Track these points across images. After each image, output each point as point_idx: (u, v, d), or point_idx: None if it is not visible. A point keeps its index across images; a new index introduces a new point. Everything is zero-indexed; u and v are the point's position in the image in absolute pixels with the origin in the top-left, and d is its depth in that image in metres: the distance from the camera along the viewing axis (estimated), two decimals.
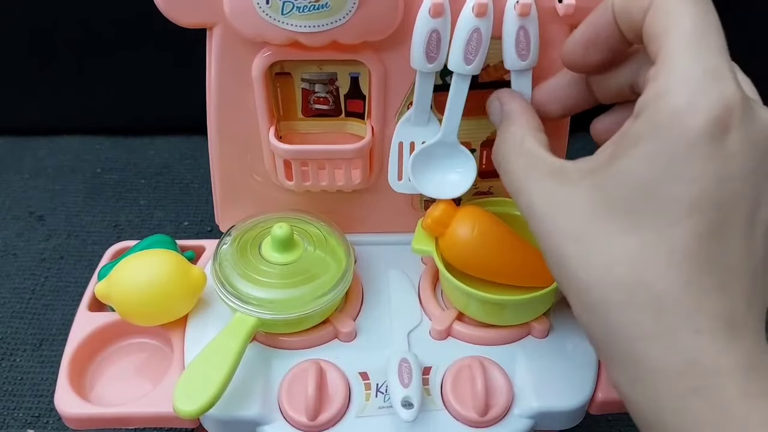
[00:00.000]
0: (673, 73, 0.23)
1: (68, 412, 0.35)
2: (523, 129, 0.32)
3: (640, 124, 0.24)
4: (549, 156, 0.29)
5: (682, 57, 0.23)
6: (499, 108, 0.35)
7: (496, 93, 0.36)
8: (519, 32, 0.34)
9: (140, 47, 0.65)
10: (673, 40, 0.24)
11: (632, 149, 0.24)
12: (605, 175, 0.25)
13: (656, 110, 0.23)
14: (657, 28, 0.25)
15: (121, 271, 0.37)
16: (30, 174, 0.68)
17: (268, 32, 0.34)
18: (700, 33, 0.24)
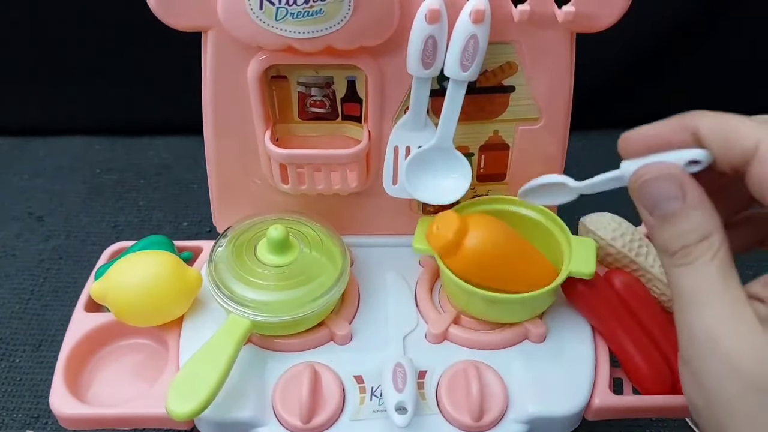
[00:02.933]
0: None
1: (64, 412, 0.36)
2: (725, 255, 0.26)
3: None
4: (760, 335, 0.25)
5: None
6: (677, 192, 0.27)
7: (667, 168, 0.28)
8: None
9: (140, 47, 0.65)
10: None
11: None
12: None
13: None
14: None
15: (116, 272, 0.37)
16: (29, 174, 0.68)
17: (262, 37, 0.34)
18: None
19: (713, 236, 0.26)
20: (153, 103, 0.69)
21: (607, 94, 0.71)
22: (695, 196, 0.27)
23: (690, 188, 0.27)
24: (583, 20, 0.35)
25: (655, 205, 0.27)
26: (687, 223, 0.27)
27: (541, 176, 0.35)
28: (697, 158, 0.27)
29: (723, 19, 0.67)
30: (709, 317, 0.25)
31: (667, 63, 0.69)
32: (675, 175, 0.27)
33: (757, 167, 0.26)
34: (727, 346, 0.25)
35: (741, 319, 0.25)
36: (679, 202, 0.27)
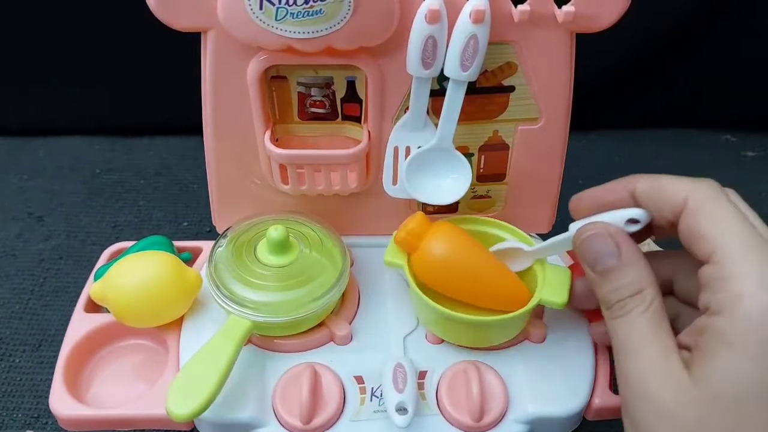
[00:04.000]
0: (748, 276, 0.25)
1: (63, 413, 0.36)
2: (657, 307, 0.29)
3: (725, 324, 0.25)
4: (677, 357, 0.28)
5: (749, 260, 0.26)
6: (613, 249, 0.30)
7: (604, 227, 0.31)
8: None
9: (140, 48, 0.65)
10: (731, 244, 0.26)
11: (725, 349, 0.25)
12: (703, 381, 0.26)
13: (744, 312, 0.25)
14: (704, 230, 0.27)
15: (116, 273, 0.37)
16: (29, 174, 0.68)
17: (262, 38, 0.34)
18: (750, 231, 0.27)
19: (646, 290, 0.29)
20: (153, 103, 0.69)
21: (607, 94, 0.71)
22: (630, 253, 0.30)
23: (625, 246, 0.30)
24: (583, 20, 0.35)
25: (594, 261, 0.30)
26: (622, 279, 0.29)
27: (499, 243, 0.38)
28: (635, 217, 0.30)
29: (723, 19, 0.67)
30: (640, 364, 0.27)
31: (667, 63, 0.69)
32: (612, 234, 0.30)
33: (684, 220, 0.28)
34: (655, 390, 0.27)
35: (668, 365, 0.27)
36: (615, 259, 0.30)
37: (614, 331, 0.29)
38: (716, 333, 0.26)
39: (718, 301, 0.26)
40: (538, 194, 0.43)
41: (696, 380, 0.26)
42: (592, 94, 0.68)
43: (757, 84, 0.70)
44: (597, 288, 0.30)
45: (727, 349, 0.25)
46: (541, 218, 0.44)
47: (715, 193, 0.28)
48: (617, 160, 0.71)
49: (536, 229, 0.45)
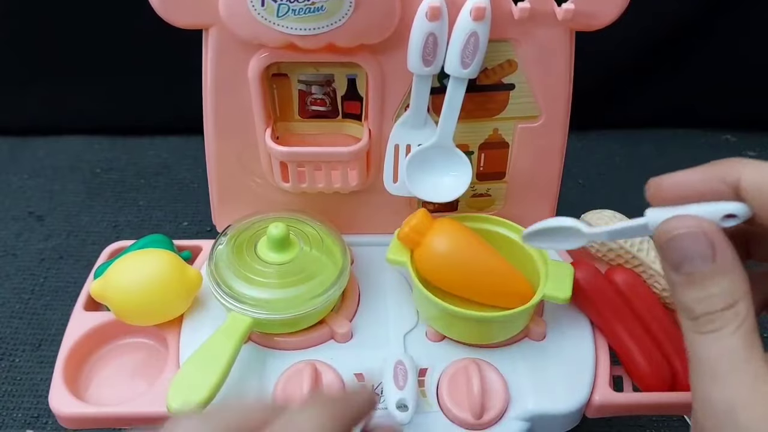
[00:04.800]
0: None
1: (63, 411, 0.35)
2: (751, 325, 0.25)
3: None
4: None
5: None
6: (708, 251, 0.25)
7: (698, 224, 0.25)
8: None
9: (140, 47, 0.65)
10: None
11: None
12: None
13: None
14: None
15: (116, 271, 0.37)
16: (29, 174, 0.68)
17: (264, 34, 0.34)
18: None
19: (740, 304, 0.25)
20: (153, 103, 0.69)
21: (607, 93, 0.71)
22: (727, 258, 0.25)
23: (722, 249, 0.25)
24: (583, 18, 0.36)
25: (682, 262, 0.25)
26: (715, 288, 0.25)
27: (550, 219, 0.33)
28: (734, 212, 0.25)
29: (723, 18, 0.67)
30: (730, 391, 0.24)
31: (667, 63, 0.70)
32: (708, 233, 0.25)
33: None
34: (746, 422, 0.23)
35: (763, 395, 0.24)
36: (708, 264, 0.25)
37: (698, 347, 0.25)
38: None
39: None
40: (537, 193, 0.43)
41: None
42: (592, 94, 0.69)
43: (757, 84, 0.70)
44: (679, 293, 0.26)
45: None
46: (541, 216, 0.43)
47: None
48: (617, 160, 0.71)
49: None
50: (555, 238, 0.33)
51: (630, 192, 0.30)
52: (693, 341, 0.25)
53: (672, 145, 0.73)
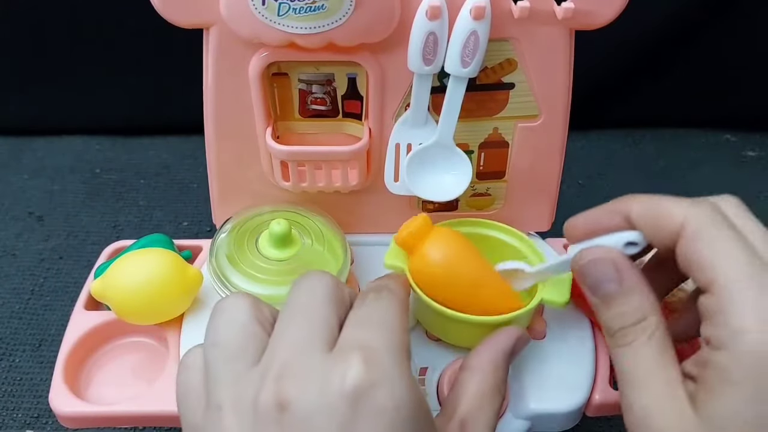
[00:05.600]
0: (747, 311, 0.25)
1: (63, 411, 0.35)
2: (661, 335, 0.28)
3: (727, 360, 0.25)
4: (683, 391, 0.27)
5: (748, 292, 0.25)
6: (614, 274, 0.29)
7: (604, 252, 0.30)
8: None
9: (140, 47, 0.65)
10: (730, 274, 0.25)
11: (728, 388, 0.25)
12: (708, 419, 0.25)
13: (745, 349, 0.24)
14: (702, 258, 0.26)
15: (116, 270, 0.37)
16: (29, 174, 0.68)
17: (264, 33, 0.34)
18: (750, 260, 0.25)
19: (649, 318, 0.28)
20: (153, 103, 0.69)
21: (607, 93, 0.71)
22: (631, 278, 0.29)
23: (626, 271, 0.29)
24: (582, 17, 0.36)
25: (595, 286, 0.29)
26: (624, 306, 0.28)
27: (500, 263, 0.36)
28: (632, 240, 0.29)
29: (724, 18, 0.67)
30: (645, 397, 0.27)
31: (667, 62, 0.70)
32: (612, 259, 0.29)
33: (682, 245, 0.27)
34: (659, 424, 0.26)
35: (673, 398, 0.26)
36: (616, 285, 0.29)
37: (617, 360, 0.28)
38: (718, 369, 0.25)
39: (719, 336, 0.25)
40: (537, 192, 0.43)
41: (701, 417, 0.25)
42: (592, 93, 0.69)
43: (757, 84, 0.70)
44: (599, 313, 0.30)
45: (730, 388, 0.25)
46: (541, 216, 0.44)
47: (713, 218, 0.27)
48: (617, 160, 0.71)
49: (535, 228, 0.45)
50: (512, 280, 0.36)
51: (630, 192, 0.31)
52: (613, 355, 0.29)
53: (672, 145, 0.73)
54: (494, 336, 0.33)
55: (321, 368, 0.24)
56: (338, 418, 0.23)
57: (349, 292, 0.29)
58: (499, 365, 0.32)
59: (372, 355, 0.25)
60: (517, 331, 0.33)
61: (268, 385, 0.24)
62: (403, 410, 0.24)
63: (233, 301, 0.28)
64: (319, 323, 0.26)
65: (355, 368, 0.24)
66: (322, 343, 0.26)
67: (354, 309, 0.28)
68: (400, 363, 0.25)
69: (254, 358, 0.26)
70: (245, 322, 0.27)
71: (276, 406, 0.23)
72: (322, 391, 0.24)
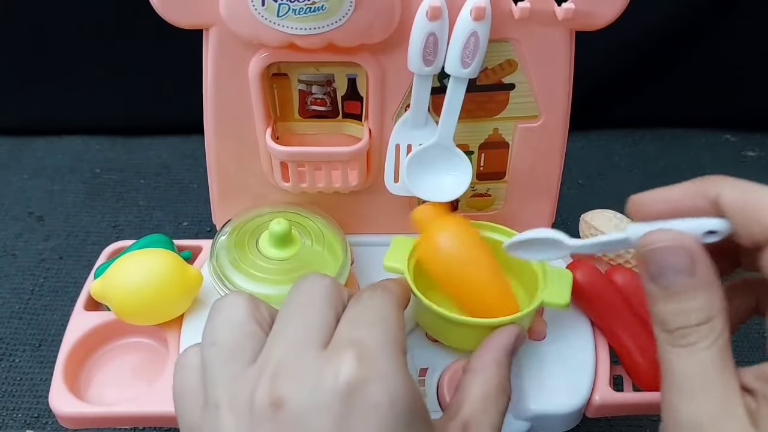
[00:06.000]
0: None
1: (63, 411, 0.35)
2: (725, 342, 0.25)
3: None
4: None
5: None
6: (687, 265, 0.25)
7: (678, 238, 0.26)
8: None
9: (140, 47, 0.65)
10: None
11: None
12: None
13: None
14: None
15: (116, 270, 0.37)
16: (29, 174, 0.68)
17: (264, 34, 0.34)
18: None
19: (716, 320, 0.25)
20: (153, 103, 0.69)
21: (607, 93, 0.71)
22: (706, 274, 0.25)
23: (701, 264, 0.25)
24: (583, 18, 0.36)
25: (661, 274, 0.26)
26: (692, 302, 0.25)
27: (532, 230, 0.33)
28: (715, 228, 0.26)
29: (724, 18, 0.67)
30: (699, 408, 0.24)
31: (667, 62, 0.70)
32: (688, 248, 0.25)
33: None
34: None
35: (732, 414, 0.24)
36: (687, 277, 0.25)
37: (670, 361, 0.25)
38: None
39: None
40: (537, 192, 0.43)
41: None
42: (592, 94, 0.69)
43: (757, 84, 0.70)
44: (656, 304, 0.26)
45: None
46: (541, 217, 0.44)
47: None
48: (617, 160, 0.71)
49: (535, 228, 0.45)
50: (537, 249, 0.33)
51: (630, 192, 0.30)
52: (665, 354, 0.26)
53: (672, 145, 0.73)
54: (494, 336, 0.33)
55: (315, 366, 0.24)
56: (332, 415, 0.23)
57: (348, 294, 0.29)
58: (502, 365, 0.31)
59: (365, 351, 0.25)
60: (515, 328, 0.33)
61: (264, 383, 0.24)
62: (397, 405, 0.24)
63: (231, 300, 0.28)
64: (315, 323, 0.26)
65: (348, 364, 0.24)
66: (317, 342, 0.25)
67: (348, 308, 0.28)
68: (394, 359, 0.25)
69: (251, 357, 0.26)
70: (243, 321, 0.27)
71: (271, 405, 0.23)
72: (315, 388, 0.24)
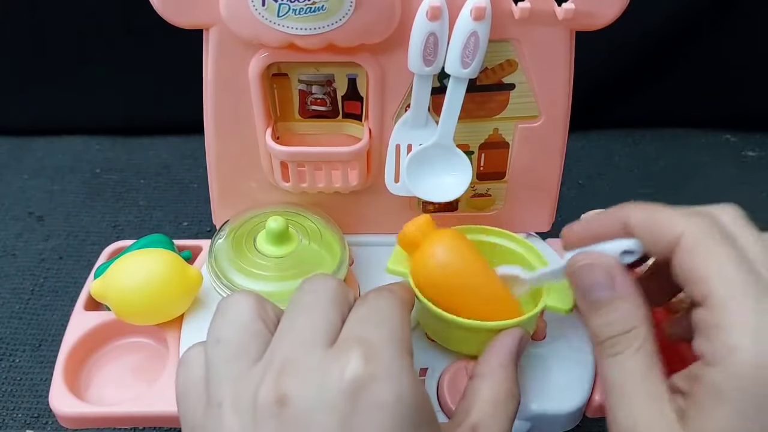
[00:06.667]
0: (742, 327, 0.24)
1: (63, 411, 0.35)
2: (650, 348, 0.27)
3: (719, 377, 0.24)
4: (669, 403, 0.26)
5: (743, 309, 0.24)
6: (607, 280, 0.29)
7: (598, 257, 0.29)
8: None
9: (140, 47, 0.65)
10: (726, 289, 0.25)
11: (719, 406, 0.24)
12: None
13: (738, 366, 0.24)
14: (698, 271, 0.26)
15: (117, 270, 0.37)
16: (29, 174, 0.68)
17: (264, 34, 0.34)
18: (747, 275, 0.25)
19: (639, 328, 0.27)
20: (153, 103, 0.69)
21: (607, 93, 0.71)
22: (624, 286, 0.28)
23: (620, 278, 0.28)
24: (583, 18, 0.36)
25: (586, 291, 0.29)
26: (615, 313, 0.28)
27: (499, 267, 0.35)
28: (629, 248, 0.29)
29: (724, 18, 0.67)
30: (631, 411, 0.26)
31: (667, 63, 0.70)
32: (606, 265, 0.29)
33: (678, 256, 0.27)
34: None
35: (660, 414, 0.25)
36: (608, 291, 0.28)
37: (604, 370, 0.28)
38: (710, 385, 0.24)
39: (712, 351, 0.24)
40: (537, 193, 0.43)
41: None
42: (593, 94, 0.69)
43: (757, 84, 0.70)
44: (587, 320, 0.29)
45: (722, 406, 0.24)
46: (541, 217, 0.44)
47: (711, 231, 0.26)
48: (617, 160, 0.71)
49: (536, 228, 0.45)
50: (510, 285, 0.35)
51: (630, 192, 0.31)
52: (600, 364, 0.28)
53: (672, 145, 0.73)
54: (498, 340, 0.33)
55: (321, 363, 0.24)
56: (338, 413, 0.23)
57: (353, 296, 0.29)
58: (509, 369, 0.31)
59: (372, 349, 0.25)
60: (519, 331, 0.33)
61: (268, 381, 0.24)
62: (404, 404, 0.24)
63: (237, 299, 0.28)
64: (321, 322, 0.26)
65: (354, 362, 0.24)
66: (323, 340, 0.26)
67: (354, 309, 0.28)
68: (400, 358, 0.25)
69: (256, 356, 0.26)
70: (249, 320, 0.27)
71: (276, 402, 0.23)
72: (321, 385, 0.24)
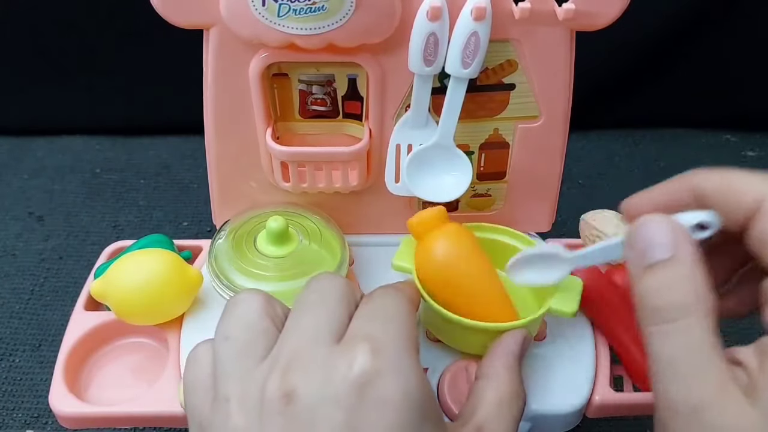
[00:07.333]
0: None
1: (63, 411, 0.35)
2: (712, 321, 0.24)
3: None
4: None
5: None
6: (670, 240, 0.25)
7: (665, 218, 0.25)
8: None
9: (140, 47, 0.65)
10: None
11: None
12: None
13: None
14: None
15: (117, 270, 0.37)
16: (29, 174, 0.68)
17: (264, 34, 0.34)
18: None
19: (702, 297, 0.24)
20: (153, 103, 0.69)
21: (607, 93, 0.71)
22: (688, 249, 0.24)
23: (684, 240, 0.25)
24: (583, 18, 0.36)
25: (644, 251, 0.25)
26: (674, 276, 0.24)
27: (530, 248, 0.32)
28: (704, 221, 0.25)
29: (724, 18, 0.67)
30: (697, 388, 0.23)
31: (667, 62, 0.70)
32: (672, 226, 0.25)
33: (759, 223, 0.24)
34: (716, 420, 0.22)
35: (723, 390, 0.23)
36: (669, 251, 0.24)
37: (655, 344, 0.24)
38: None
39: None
40: (538, 193, 0.43)
41: (761, 410, 0.22)
42: (593, 94, 0.69)
43: (757, 84, 0.70)
44: (639, 283, 0.25)
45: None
46: (541, 217, 0.44)
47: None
48: (617, 160, 0.71)
49: (536, 228, 0.45)
50: (538, 270, 0.33)
51: (630, 192, 0.30)
52: (649, 336, 0.24)
53: (672, 145, 0.73)
54: (502, 341, 0.33)
55: (327, 359, 0.24)
56: (344, 407, 0.23)
57: (360, 294, 0.29)
58: (514, 370, 0.31)
59: (379, 345, 0.25)
60: (522, 332, 0.33)
61: (275, 376, 0.24)
62: (409, 400, 0.24)
63: (246, 297, 0.28)
64: (328, 318, 0.26)
65: (361, 358, 0.24)
66: (330, 337, 0.26)
67: (361, 306, 0.28)
68: (407, 354, 0.25)
69: (264, 353, 0.26)
70: (257, 318, 0.27)
71: (282, 397, 0.24)
72: (327, 380, 0.24)
